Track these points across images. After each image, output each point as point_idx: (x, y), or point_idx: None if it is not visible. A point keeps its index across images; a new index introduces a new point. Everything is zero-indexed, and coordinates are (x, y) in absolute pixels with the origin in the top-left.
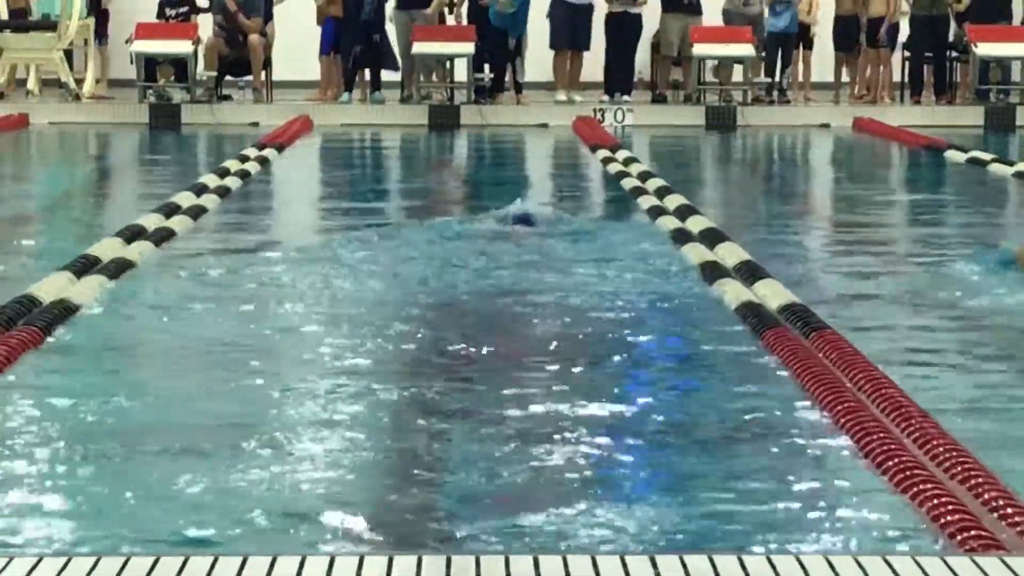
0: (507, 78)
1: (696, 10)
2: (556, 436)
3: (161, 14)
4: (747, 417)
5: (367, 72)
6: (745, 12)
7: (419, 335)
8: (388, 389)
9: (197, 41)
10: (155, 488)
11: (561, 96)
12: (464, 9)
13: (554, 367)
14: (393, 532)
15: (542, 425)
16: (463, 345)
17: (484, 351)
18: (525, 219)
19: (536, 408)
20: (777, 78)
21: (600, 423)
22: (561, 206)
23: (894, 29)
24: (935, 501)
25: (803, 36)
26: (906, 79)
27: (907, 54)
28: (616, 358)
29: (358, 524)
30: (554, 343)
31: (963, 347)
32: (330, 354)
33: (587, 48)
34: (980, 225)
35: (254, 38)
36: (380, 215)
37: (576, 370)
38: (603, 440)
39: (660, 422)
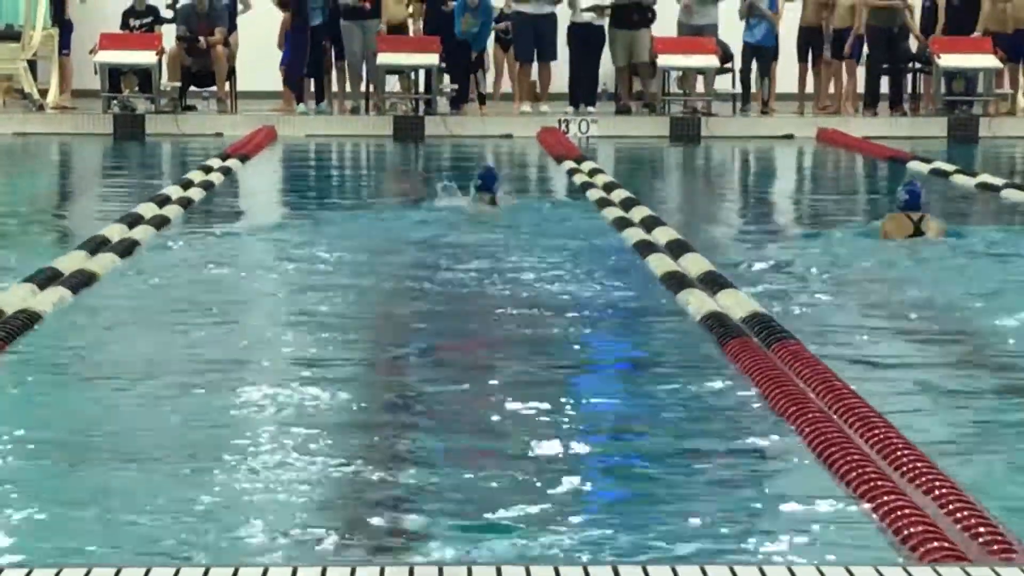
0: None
1: (642, 24)
2: (519, 446)
3: (125, 24)
4: (708, 428)
5: (334, 82)
6: (692, 23)
7: (385, 344)
8: (354, 400)
9: (161, 52)
10: (116, 501)
11: (525, 107)
12: (420, 22)
13: (517, 379)
14: (356, 542)
15: (504, 436)
16: (424, 357)
17: (447, 360)
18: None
19: (499, 419)
20: (754, 89)
21: (562, 434)
22: (524, 217)
23: (860, 40)
24: (898, 512)
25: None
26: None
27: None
28: (579, 369)
29: (321, 534)
30: (518, 356)
31: (926, 356)
32: (293, 364)
33: (554, 58)
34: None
35: (218, 48)
36: (344, 225)
37: (538, 382)
38: (564, 450)
39: (622, 432)
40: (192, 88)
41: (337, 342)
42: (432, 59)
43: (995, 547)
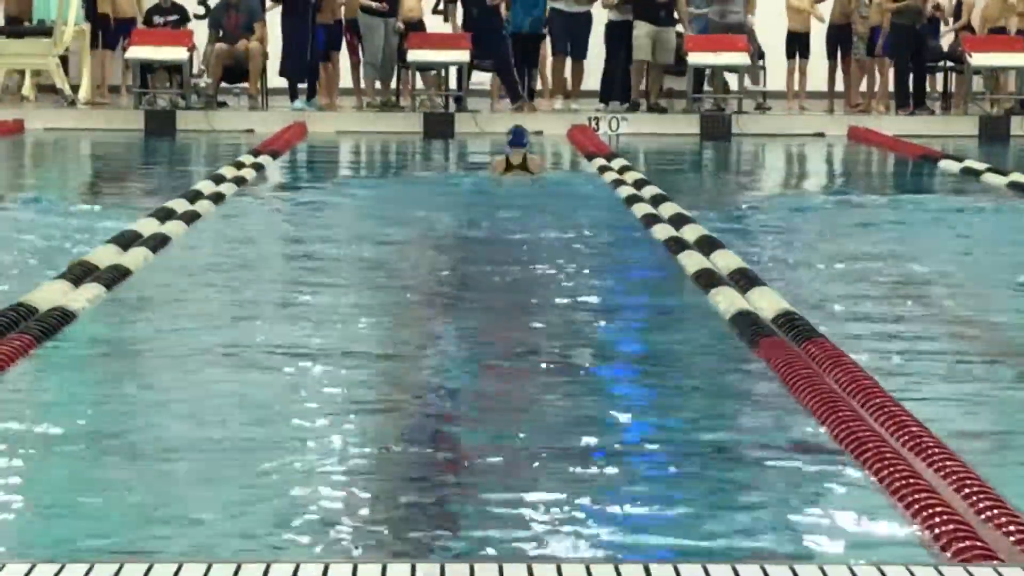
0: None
1: (667, 23)
2: (550, 447)
3: (149, 22)
4: (740, 427)
5: (362, 78)
6: (724, 22)
7: (420, 336)
8: (383, 401)
9: (192, 48)
10: (149, 494)
11: (557, 103)
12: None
13: (547, 375)
14: (387, 538)
15: (536, 438)
16: (457, 348)
17: (478, 353)
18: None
19: (527, 415)
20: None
21: (590, 430)
22: (552, 214)
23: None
24: (930, 511)
25: (801, 44)
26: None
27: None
28: (607, 365)
29: (353, 530)
30: (547, 353)
31: (956, 356)
32: (327, 357)
33: (584, 56)
34: (972, 235)
35: (253, 45)
36: (374, 221)
37: (566, 378)
38: (592, 447)
39: (651, 431)
40: (223, 84)
41: (371, 335)
42: (463, 56)
43: None
